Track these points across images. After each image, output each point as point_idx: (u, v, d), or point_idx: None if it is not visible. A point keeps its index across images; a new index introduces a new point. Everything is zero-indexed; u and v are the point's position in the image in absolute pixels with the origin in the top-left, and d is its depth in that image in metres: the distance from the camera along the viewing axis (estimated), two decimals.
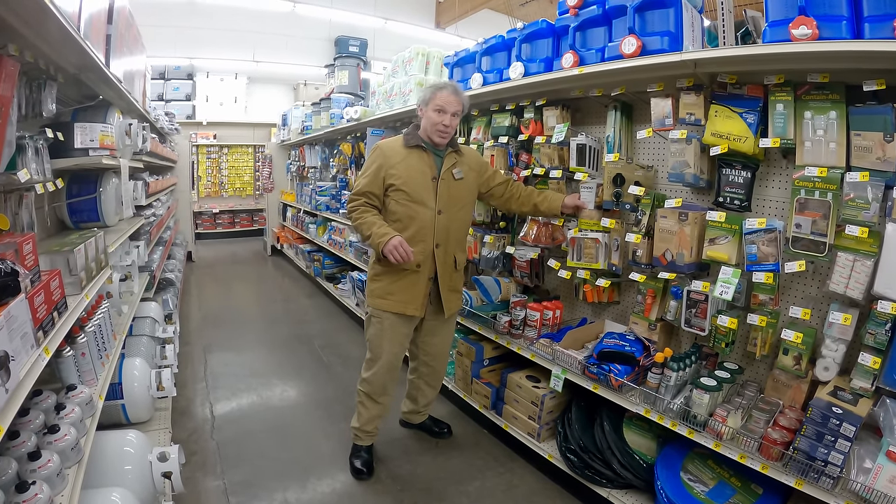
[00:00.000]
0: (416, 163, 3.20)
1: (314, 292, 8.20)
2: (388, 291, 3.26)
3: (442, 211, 3.21)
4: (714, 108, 2.68)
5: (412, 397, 3.84)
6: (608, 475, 3.05)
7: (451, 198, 3.26)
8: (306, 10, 11.33)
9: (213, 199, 12.67)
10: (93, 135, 3.01)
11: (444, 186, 3.23)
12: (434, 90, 3.21)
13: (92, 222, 3.45)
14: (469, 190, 3.40)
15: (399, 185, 3.15)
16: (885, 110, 2.16)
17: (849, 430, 2.09)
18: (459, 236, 3.39)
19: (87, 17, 2.53)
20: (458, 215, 3.33)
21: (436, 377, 3.73)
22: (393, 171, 3.16)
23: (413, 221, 3.17)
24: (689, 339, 3.20)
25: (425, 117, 3.21)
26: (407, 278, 3.22)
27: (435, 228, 3.20)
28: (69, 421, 2.19)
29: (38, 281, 1.87)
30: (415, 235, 3.16)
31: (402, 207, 3.18)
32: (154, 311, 4.43)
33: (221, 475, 3.34)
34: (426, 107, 3.20)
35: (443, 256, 3.26)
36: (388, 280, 3.25)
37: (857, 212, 2.22)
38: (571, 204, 3.42)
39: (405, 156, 3.20)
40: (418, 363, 3.70)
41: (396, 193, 3.17)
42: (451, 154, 3.30)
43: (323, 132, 7.85)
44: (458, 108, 3.18)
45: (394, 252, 2.98)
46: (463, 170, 3.32)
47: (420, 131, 3.26)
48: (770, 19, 2.33)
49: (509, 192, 3.57)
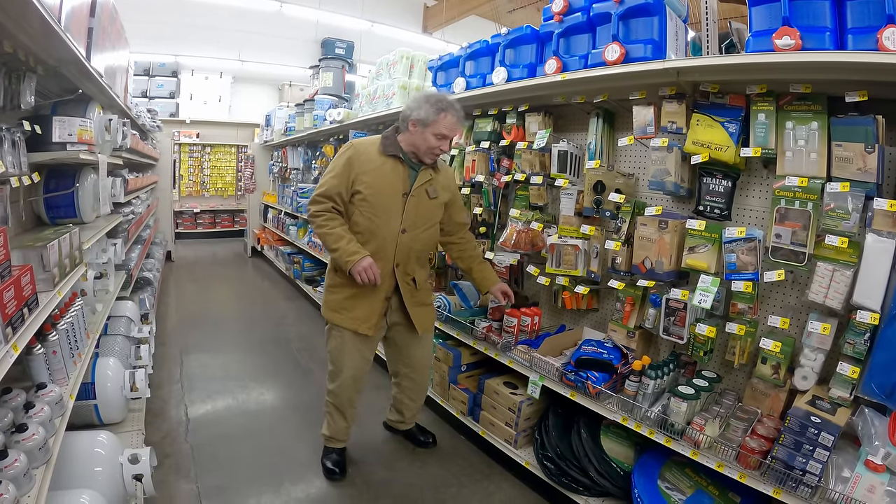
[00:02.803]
0: (389, 174, 3.03)
1: (293, 295, 8.14)
2: (343, 306, 3.16)
3: (406, 230, 3.07)
4: (696, 117, 2.70)
5: (398, 409, 3.77)
6: (585, 483, 3.04)
7: (417, 217, 3.10)
8: (293, 10, 11.25)
9: (195, 198, 12.52)
10: (71, 129, 2.96)
11: (413, 204, 3.07)
12: (438, 110, 2.93)
13: (69, 218, 3.38)
14: (439, 209, 3.24)
15: (367, 195, 2.99)
16: (866, 121, 2.19)
17: (827, 440, 2.10)
18: (421, 256, 3.25)
19: (69, 9, 2.49)
20: (422, 235, 3.16)
21: (418, 390, 3.65)
22: (364, 177, 2.99)
23: (374, 238, 3.04)
24: (668, 348, 3.21)
25: (420, 136, 2.98)
26: (363, 295, 3.10)
27: (397, 247, 3.07)
28: (38, 420, 2.14)
29: (8, 276, 1.83)
30: (375, 252, 3.02)
31: (365, 221, 3.02)
32: (130, 311, 4.36)
33: (195, 479, 3.29)
34: (425, 128, 2.96)
35: (402, 276, 3.16)
36: (344, 294, 3.14)
37: (837, 222, 2.23)
38: (498, 292, 3.35)
39: (379, 164, 3.02)
40: (400, 377, 3.62)
41: (362, 204, 3.00)
42: (426, 169, 3.12)
43: (306, 134, 7.82)
44: (457, 134, 2.99)
45: (362, 274, 2.90)
46: (438, 188, 3.17)
47: (404, 143, 3.05)
48: (754, 29, 2.36)
49: (459, 237, 3.44)
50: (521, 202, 3.87)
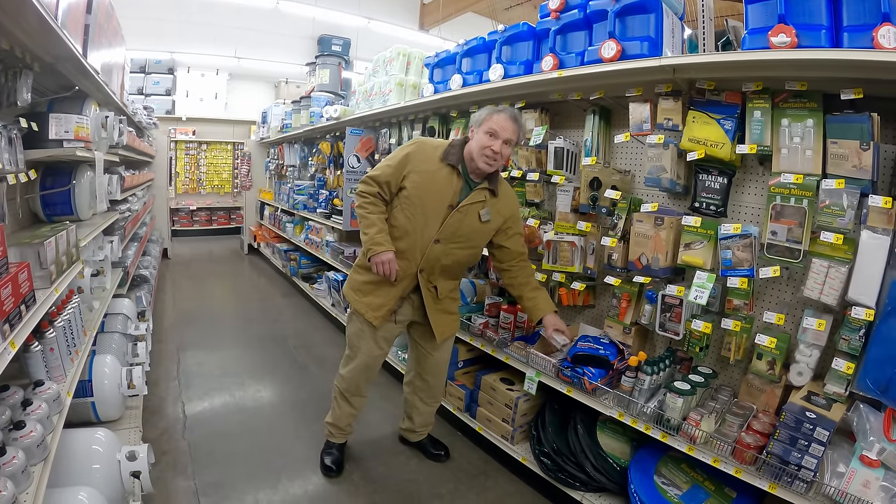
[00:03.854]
0: (441, 182, 2.94)
1: (290, 292, 8.13)
2: (360, 289, 3.15)
3: (440, 241, 2.98)
4: (692, 114, 2.71)
5: (408, 415, 3.69)
6: (582, 478, 3.05)
7: (458, 233, 2.99)
8: (290, 7, 11.25)
9: (191, 195, 12.49)
10: (68, 126, 2.94)
11: (457, 219, 2.96)
12: (490, 112, 2.91)
13: (65, 215, 3.37)
14: (485, 234, 3.11)
15: (411, 194, 2.94)
16: (861, 119, 2.20)
17: (822, 435, 2.11)
18: (451, 270, 3.14)
19: (66, 6, 2.48)
20: (457, 252, 3.05)
21: (431, 394, 3.55)
22: (416, 176, 2.93)
23: (406, 237, 2.99)
24: (664, 344, 3.22)
25: (474, 138, 2.93)
26: (380, 286, 3.08)
27: (425, 254, 3.00)
28: (35, 417, 2.14)
29: (5, 273, 1.83)
30: (404, 251, 2.99)
31: (403, 218, 2.98)
32: (127, 308, 4.36)
33: (192, 476, 3.29)
34: (478, 127, 2.92)
35: (425, 282, 3.10)
36: (365, 278, 3.12)
37: (833, 219, 2.25)
38: (550, 327, 3.07)
39: (435, 169, 2.95)
40: (413, 375, 3.55)
41: (405, 202, 2.96)
42: (481, 189, 2.99)
43: (302, 130, 7.80)
44: (512, 136, 2.88)
45: (380, 266, 2.89)
46: (492, 212, 3.03)
47: (465, 151, 2.98)
48: (750, 27, 2.36)
49: (511, 264, 3.22)
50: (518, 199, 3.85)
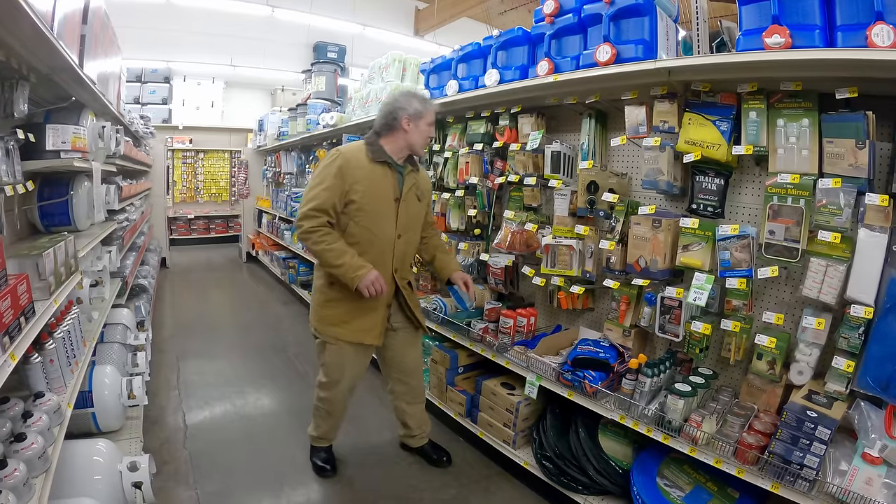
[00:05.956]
0: (381, 181, 3.01)
1: (289, 300, 8.13)
2: (344, 320, 3.10)
3: (401, 235, 3.10)
4: (688, 116, 2.71)
5: (402, 421, 3.67)
6: (584, 482, 3.04)
7: (408, 220, 3.15)
8: (285, 14, 11.25)
9: (189, 204, 12.48)
10: (65, 136, 2.94)
11: (405, 208, 3.10)
12: (423, 101, 3.07)
13: (63, 226, 3.37)
14: (423, 211, 3.30)
15: (362, 204, 2.94)
16: (857, 118, 2.20)
17: (824, 434, 2.11)
18: (410, 257, 3.33)
19: (62, 16, 2.48)
20: (413, 238, 3.27)
21: (414, 394, 3.57)
22: (358, 185, 2.93)
23: (372, 246, 3.01)
24: (664, 345, 3.22)
25: (416, 131, 3.01)
26: (365, 306, 3.05)
27: (394, 253, 3.10)
28: (36, 429, 2.13)
29: (4, 285, 1.82)
30: (374, 260, 2.97)
31: (361, 230, 2.98)
32: (126, 318, 4.35)
33: (194, 485, 3.28)
34: (419, 120, 3.01)
35: (401, 280, 3.19)
36: (345, 308, 3.08)
37: (830, 218, 2.25)
38: (460, 280, 3.38)
39: (369, 171, 2.97)
40: (392, 382, 3.55)
41: (358, 214, 2.96)
42: (410, 173, 3.13)
43: (299, 138, 7.81)
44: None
45: (370, 288, 2.87)
46: (423, 190, 3.26)
47: (393, 146, 3.05)
48: (744, 28, 2.37)
49: (430, 231, 3.49)
50: (516, 203, 3.88)
